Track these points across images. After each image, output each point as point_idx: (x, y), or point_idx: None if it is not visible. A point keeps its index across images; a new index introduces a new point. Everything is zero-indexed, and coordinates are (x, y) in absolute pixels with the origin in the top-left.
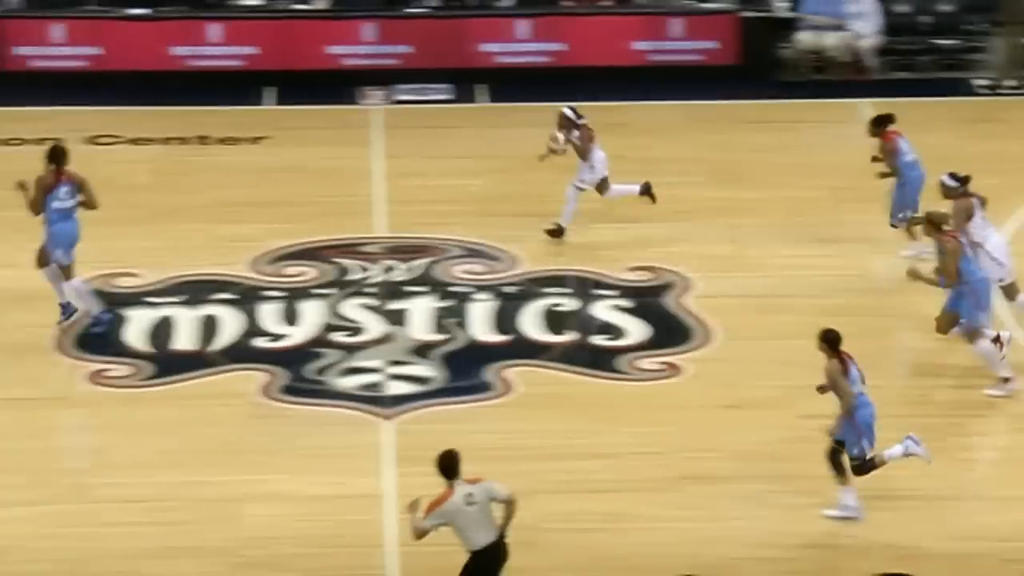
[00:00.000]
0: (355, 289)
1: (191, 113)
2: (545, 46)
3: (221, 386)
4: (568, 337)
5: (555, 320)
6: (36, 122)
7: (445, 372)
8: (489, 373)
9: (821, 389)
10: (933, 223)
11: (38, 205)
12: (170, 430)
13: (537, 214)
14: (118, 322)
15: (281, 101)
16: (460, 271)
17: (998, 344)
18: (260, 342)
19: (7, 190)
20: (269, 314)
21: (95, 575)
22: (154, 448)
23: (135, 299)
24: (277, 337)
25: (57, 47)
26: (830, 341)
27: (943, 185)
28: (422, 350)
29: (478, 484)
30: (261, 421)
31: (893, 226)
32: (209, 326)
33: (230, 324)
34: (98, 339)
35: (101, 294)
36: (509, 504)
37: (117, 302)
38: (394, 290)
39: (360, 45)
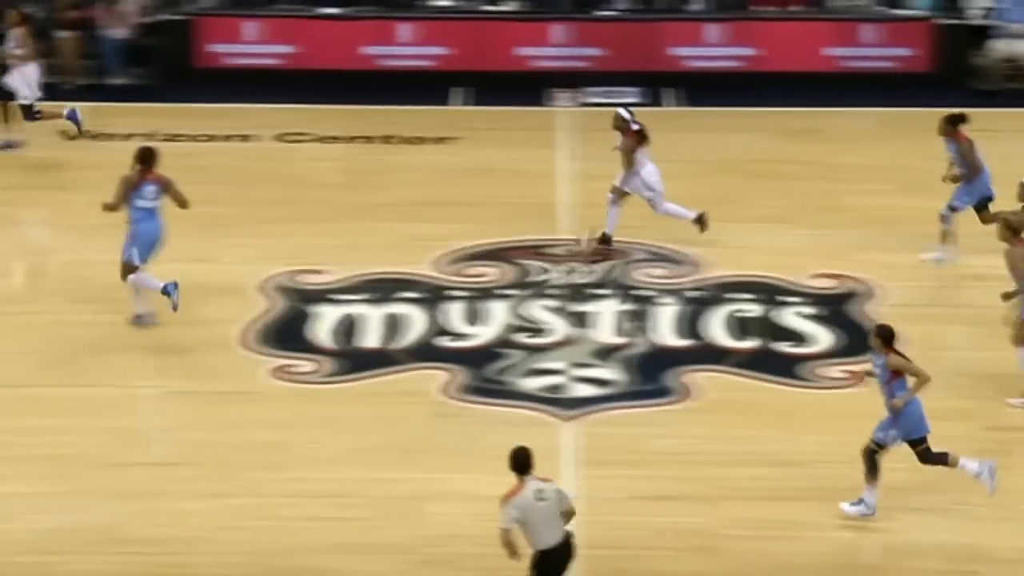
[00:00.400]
0: (538, 290)
1: (379, 112)
2: (736, 51)
3: (404, 384)
4: (751, 343)
5: (739, 326)
6: (227, 119)
7: (627, 376)
8: (671, 378)
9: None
10: (1011, 227)
11: (119, 202)
12: (353, 427)
13: (724, 219)
14: (304, 318)
15: (469, 102)
16: (644, 274)
17: None
18: (444, 341)
19: (202, 185)
20: (453, 313)
21: (277, 569)
22: (337, 444)
23: (320, 296)
24: (461, 336)
25: (250, 45)
26: (884, 337)
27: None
28: (605, 353)
29: (549, 483)
30: (443, 420)
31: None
32: (393, 324)
33: (414, 323)
34: (284, 335)
35: (287, 290)
36: (571, 514)
37: (303, 298)
38: (579, 292)
39: (550, 47)
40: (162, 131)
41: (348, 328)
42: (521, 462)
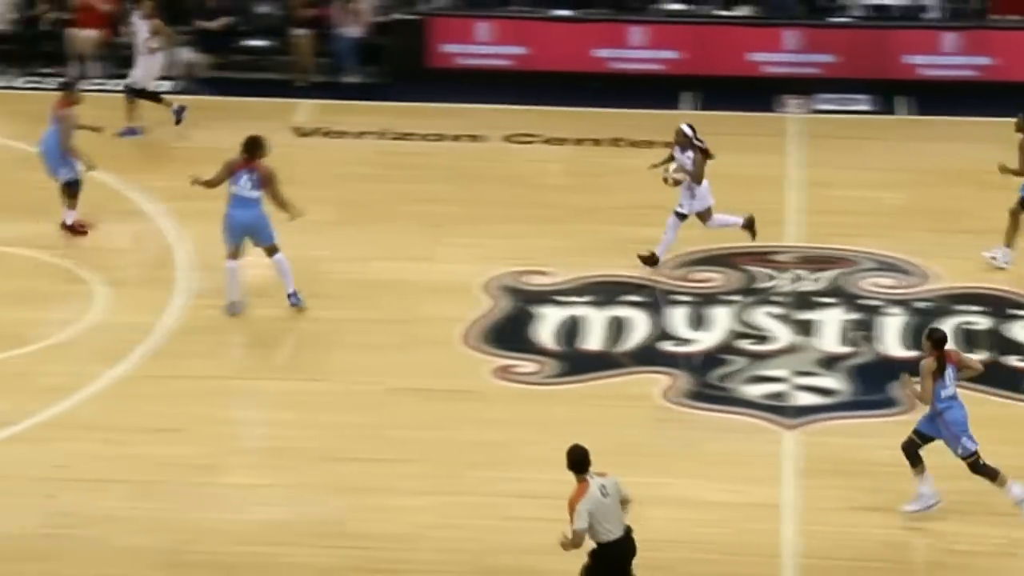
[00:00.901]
0: (763, 297)
1: (608, 115)
2: (972, 60)
3: (626, 388)
4: (980, 355)
5: (967, 338)
6: (456, 119)
7: (851, 385)
8: (895, 388)
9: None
10: None
11: (216, 182)
12: (574, 429)
13: (954, 230)
14: (528, 319)
15: (699, 106)
16: (870, 284)
17: None
18: (667, 345)
19: (428, 183)
20: (677, 318)
21: (493, 568)
22: (557, 446)
23: (545, 297)
24: (684, 342)
25: (483, 45)
26: (935, 340)
27: None
28: (829, 362)
29: (607, 477)
30: (664, 424)
31: None
32: (616, 327)
33: (637, 326)
34: (507, 335)
35: (512, 291)
36: (627, 502)
37: (528, 299)
38: (804, 300)
39: (781, 53)
40: (392, 130)
41: (571, 330)
42: (579, 461)
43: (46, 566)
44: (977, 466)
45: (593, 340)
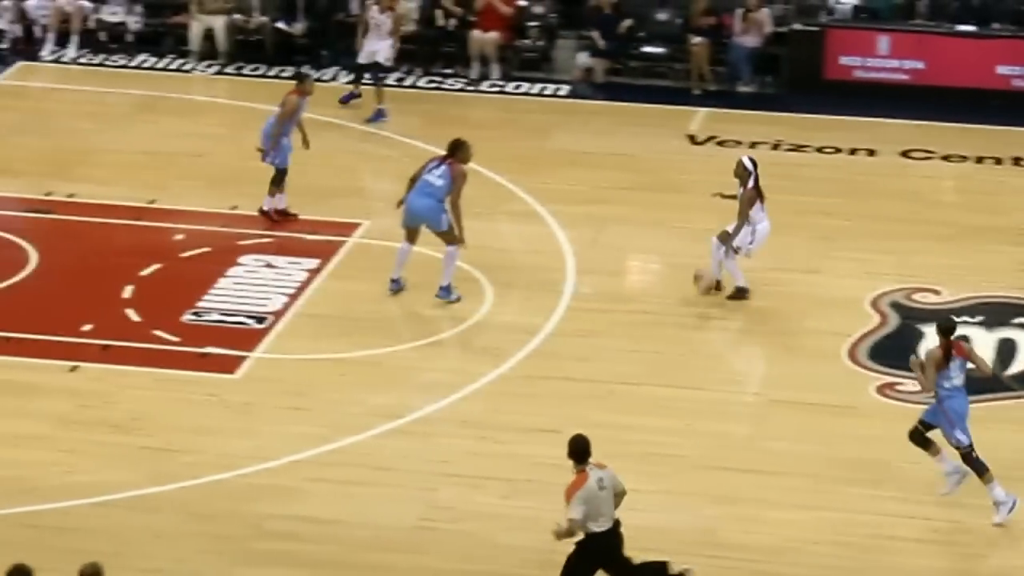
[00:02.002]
0: None
1: (1009, 133)
2: None
3: (1012, 412)
4: None
5: None
6: (852, 131)
7: None
8: None
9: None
10: None
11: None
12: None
13: None
14: (917, 337)
15: None
16: None
17: None
18: None
19: (815, 196)
20: None
21: None
22: (935, 467)
23: (933, 316)
24: None
25: (881, 59)
26: (943, 330)
27: None
28: None
29: (606, 470)
30: None
31: None
32: (1006, 349)
33: None
34: (894, 352)
35: (901, 308)
36: (623, 495)
37: (917, 317)
38: None
39: None
40: (787, 140)
41: None
42: (580, 451)
43: (419, 559)
44: (969, 459)
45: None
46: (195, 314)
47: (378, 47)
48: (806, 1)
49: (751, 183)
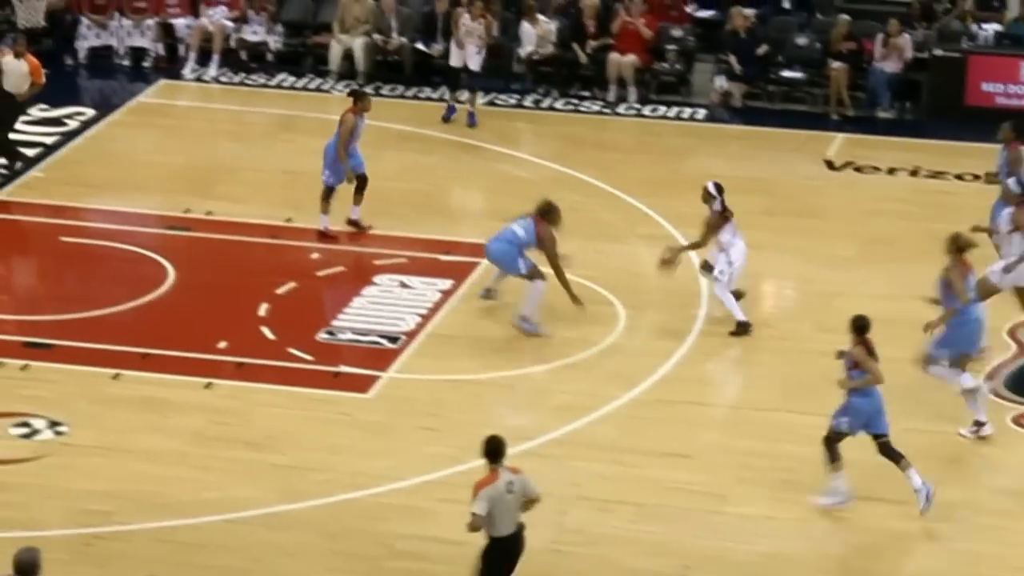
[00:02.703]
0: None
1: None
2: None
3: None
4: None
5: None
6: (992, 159)
7: None
8: None
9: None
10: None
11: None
12: None
13: None
14: None
15: None
16: None
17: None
18: None
19: (955, 224)
20: None
21: None
22: None
23: None
24: None
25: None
26: (858, 328)
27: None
28: None
29: (519, 475)
30: None
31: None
32: None
33: None
34: None
35: None
36: (534, 502)
37: None
38: None
39: None
40: (926, 167)
41: None
42: (494, 450)
43: None
44: (830, 442)
45: None
46: (329, 333)
47: (470, 53)
48: (947, 27)
49: (716, 206)
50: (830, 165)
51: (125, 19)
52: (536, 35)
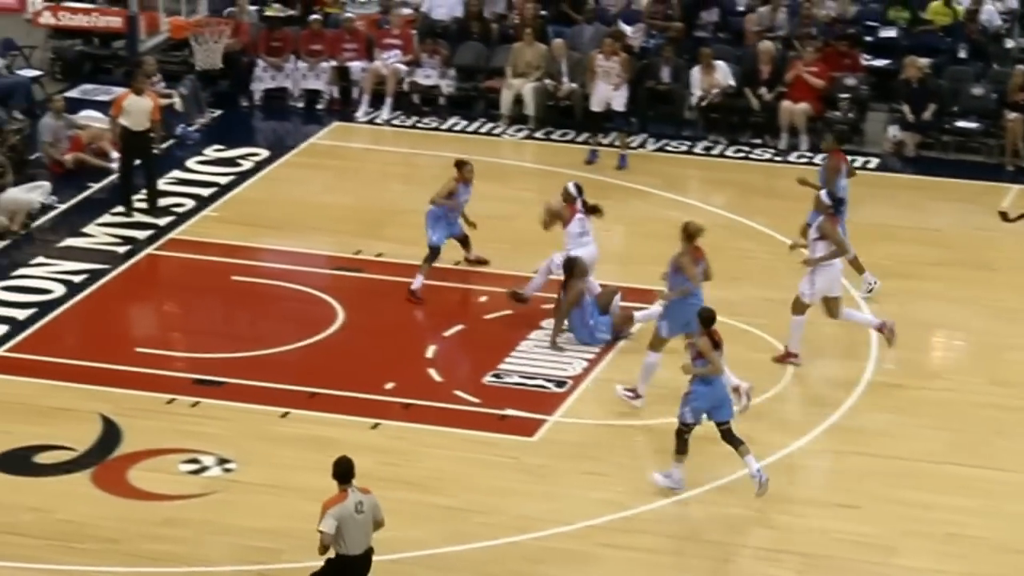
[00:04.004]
0: None
1: None
2: None
3: None
4: None
5: None
6: None
7: None
8: None
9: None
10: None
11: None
12: None
13: None
14: None
15: None
16: None
17: None
18: None
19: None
20: None
21: None
22: None
23: None
24: None
25: None
26: (704, 320)
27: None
28: None
29: (368, 495)
30: None
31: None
32: None
33: None
34: None
35: None
36: (380, 525)
37: None
38: None
39: None
40: None
41: None
42: (344, 471)
43: None
44: (681, 434)
45: None
46: (496, 376)
47: (611, 94)
48: None
49: (578, 206)
50: (1004, 217)
51: (301, 62)
52: (708, 81)
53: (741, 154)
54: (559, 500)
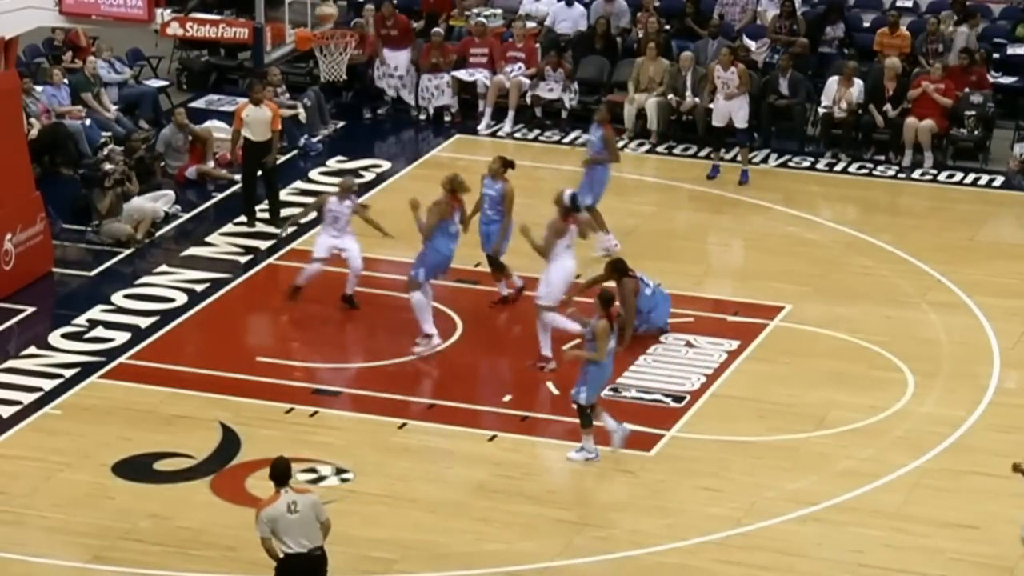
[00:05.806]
0: None
1: None
2: None
3: None
4: None
5: None
6: None
7: None
8: None
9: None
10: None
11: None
12: None
13: None
14: None
15: None
16: None
17: None
18: None
19: None
20: None
21: None
22: None
23: None
24: None
25: None
26: (604, 301)
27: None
28: None
29: (304, 495)
30: None
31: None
32: None
33: None
34: None
35: None
36: (325, 525)
37: None
38: None
39: None
40: None
41: None
42: (279, 473)
43: None
44: (584, 414)
45: None
46: (614, 390)
47: (731, 108)
48: None
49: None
50: None
51: (424, 76)
52: (841, 94)
53: (864, 171)
54: (675, 515)
